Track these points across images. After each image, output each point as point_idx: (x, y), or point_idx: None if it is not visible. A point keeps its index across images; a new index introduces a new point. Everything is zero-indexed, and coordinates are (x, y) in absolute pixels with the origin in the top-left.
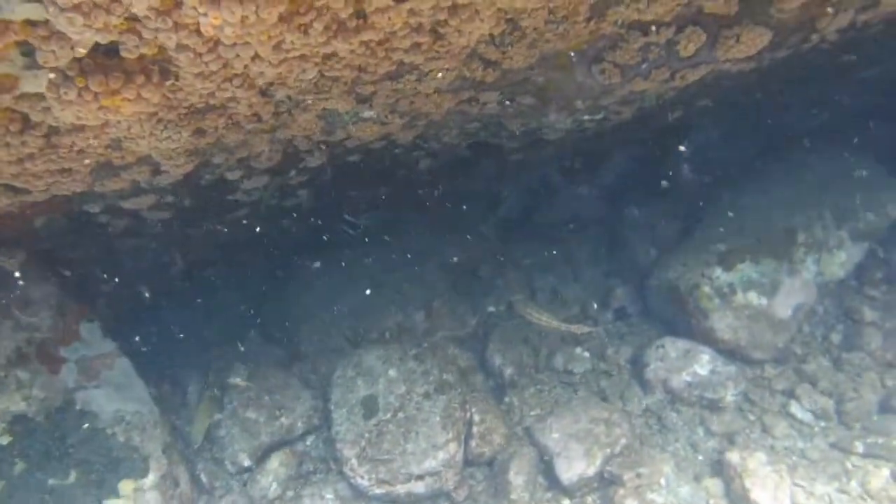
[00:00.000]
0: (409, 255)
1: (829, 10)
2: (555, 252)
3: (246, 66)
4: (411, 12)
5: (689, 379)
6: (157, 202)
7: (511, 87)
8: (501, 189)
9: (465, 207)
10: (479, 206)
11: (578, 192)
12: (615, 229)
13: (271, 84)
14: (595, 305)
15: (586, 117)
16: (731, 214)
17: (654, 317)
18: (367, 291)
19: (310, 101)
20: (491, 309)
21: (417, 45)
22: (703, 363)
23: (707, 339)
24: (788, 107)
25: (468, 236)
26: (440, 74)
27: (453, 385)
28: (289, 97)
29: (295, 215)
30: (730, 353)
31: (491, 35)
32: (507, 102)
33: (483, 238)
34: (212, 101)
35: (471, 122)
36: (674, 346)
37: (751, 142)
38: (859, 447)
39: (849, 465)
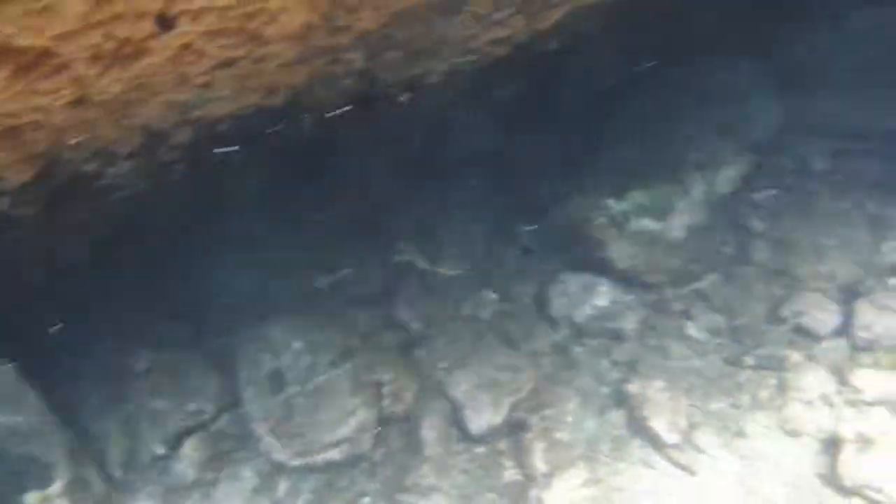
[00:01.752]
0: (309, 214)
1: None
2: (458, 191)
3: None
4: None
5: (590, 311)
6: (14, 202)
7: (373, 45)
8: (400, 132)
9: (361, 158)
10: (378, 153)
11: (475, 125)
12: (514, 162)
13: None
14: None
15: (460, 60)
16: (620, 141)
17: (557, 251)
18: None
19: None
20: (397, 259)
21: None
22: (603, 294)
23: (606, 269)
24: (673, 15)
25: (369, 186)
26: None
27: (359, 349)
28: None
29: (183, 189)
30: (629, 280)
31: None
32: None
33: (385, 185)
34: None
35: (342, 79)
36: (574, 280)
37: (642, 54)
38: (749, 360)
39: (741, 379)
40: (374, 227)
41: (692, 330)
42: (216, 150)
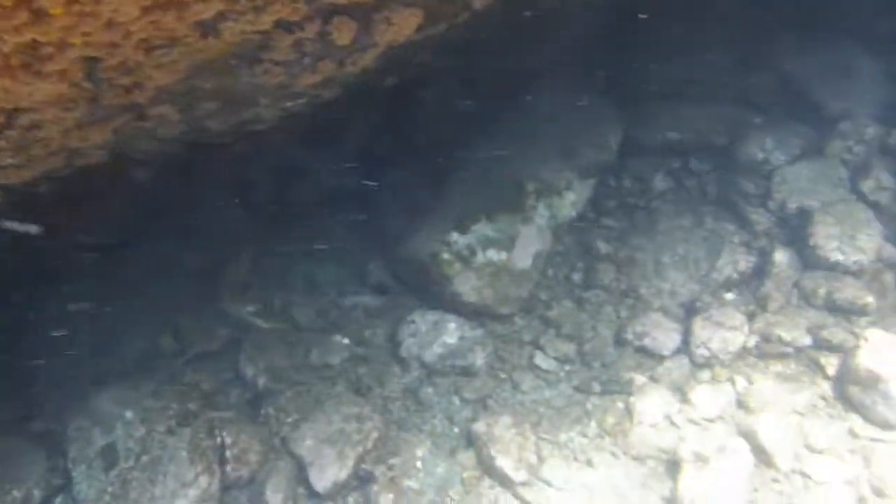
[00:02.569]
0: (150, 268)
1: None
2: (311, 233)
3: None
4: None
5: (440, 350)
6: None
7: (181, 99)
8: (247, 176)
9: (203, 205)
10: (224, 198)
11: (327, 165)
12: (368, 199)
13: None
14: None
15: (288, 104)
16: (465, 173)
17: (410, 289)
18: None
19: None
20: (249, 309)
21: None
22: (452, 331)
23: (455, 305)
24: (519, 46)
25: (215, 235)
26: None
27: (197, 413)
28: None
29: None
30: (479, 314)
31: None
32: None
33: (233, 232)
34: None
35: (161, 128)
36: (423, 319)
37: (490, 86)
38: (597, 386)
39: (589, 406)
40: (219, 278)
41: (541, 360)
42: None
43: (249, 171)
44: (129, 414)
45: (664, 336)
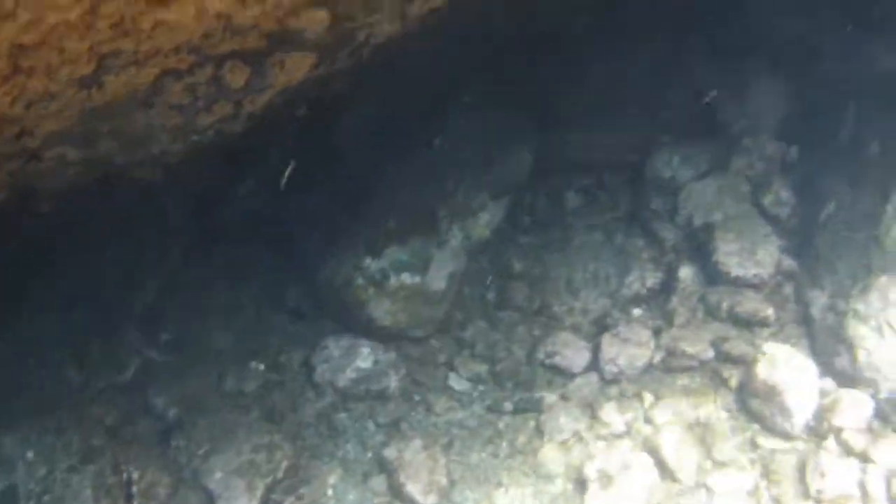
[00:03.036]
0: (58, 298)
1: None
2: (231, 259)
3: None
4: None
5: (353, 375)
6: None
7: (78, 140)
8: (166, 202)
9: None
10: (139, 225)
11: (246, 191)
12: (287, 224)
13: None
14: None
15: (195, 138)
16: (379, 198)
17: (327, 314)
18: None
19: None
20: (166, 337)
21: None
22: (365, 356)
23: (370, 329)
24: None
25: (129, 262)
26: None
27: (103, 448)
28: None
29: None
30: (393, 337)
31: None
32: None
33: (148, 259)
34: None
35: (67, 168)
36: (337, 345)
37: (408, 110)
38: (509, 406)
39: (501, 426)
40: (134, 305)
41: (454, 381)
42: None
43: (166, 197)
44: (30, 454)
45: (574, 354)
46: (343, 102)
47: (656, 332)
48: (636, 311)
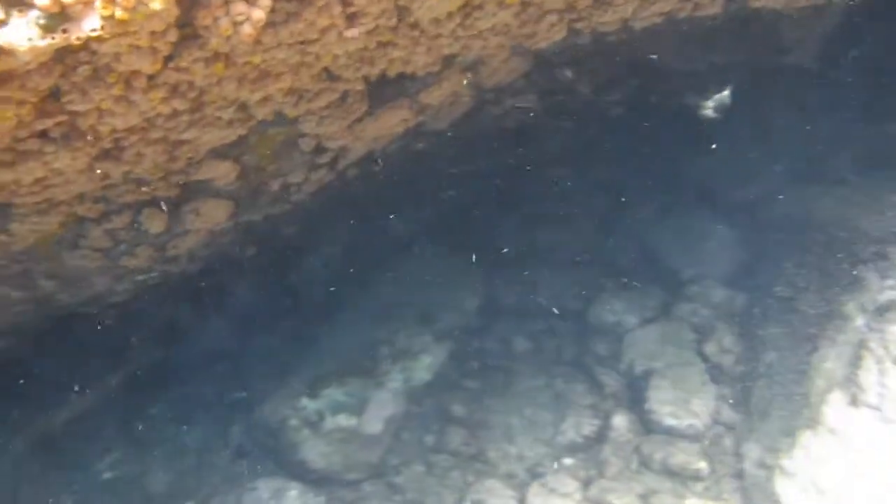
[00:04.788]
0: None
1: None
2: (186, 396)
3: None
4: None
5: None
6: None
7: (17, 279)
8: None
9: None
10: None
11: (210, 326)
12: (242, 362)
13: None
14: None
15: (140, 277)
16: (327, 336)
17: (266, 452)
18: None
19: None
20: (106, 476)
21: None
22: (292, 499)
23: (303, 470)
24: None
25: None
26: None
27: None
28: None
29: None
30: (326, 480)
31: None
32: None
33: (105, 396)
34: None
35: (12, 307)
36: (266, 486)
37: (369, 252)
38: None
39: None
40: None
41: None
42: None
43: (120, 336)
44: None
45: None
46: (300, 245)
47: (586, 483)
48: (567, 461)
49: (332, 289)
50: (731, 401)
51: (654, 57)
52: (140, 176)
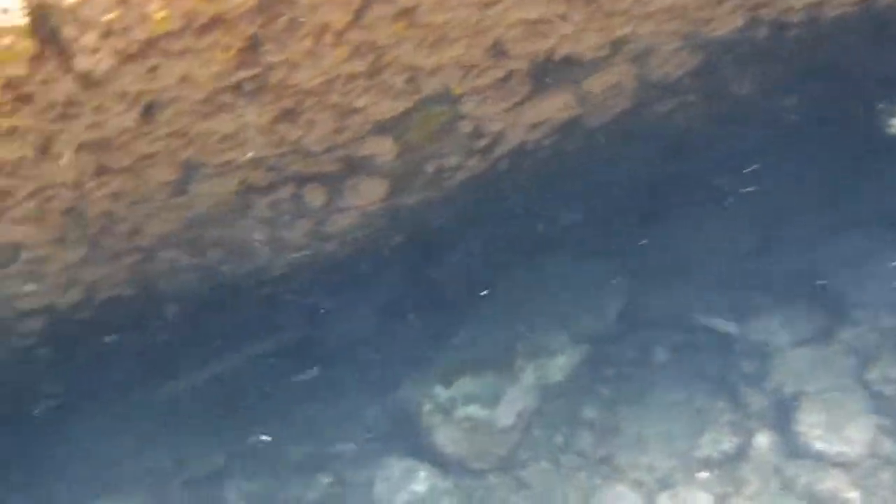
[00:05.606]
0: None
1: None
2: (325, 376)
3: None
4: None
5: (408, 497)
6: None
7: (186, 245)
8: (274, 320)
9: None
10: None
11: (354, 313)
12: (380, 348)
13: None
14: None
15: (294, 255)
16: (465, 328)
17: (398, 434)
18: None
19: None
20: (251, 440)
21: None
22: (422, 480)
23: (431, 455)
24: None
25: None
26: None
27: None
28: None
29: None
30: (454, 466)
31: None
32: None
33: (251, 366)
34: None
35: (183, 273)
36: (398, 465)
37: (513, 250)
38: None
39: None
40: (229, 407)
41: None
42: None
43: (275, 313)
44: None
45: None
46: (444, 237)
47: (721, 499)
48: (702, 475)
49: (470, 283)
50: (893, 433)
51: (842, 56)
52: (308, 147)
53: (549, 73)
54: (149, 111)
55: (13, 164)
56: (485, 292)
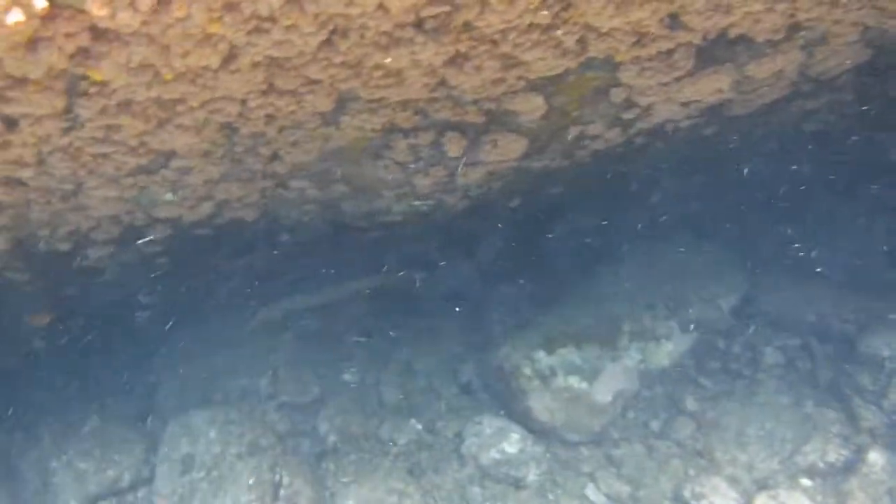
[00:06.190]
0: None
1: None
2: (425, 326)
3: None
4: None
5: (497, 456)
6: (4, 266)
7: (316, 177)
8: (380, 262)
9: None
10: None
11: (460, 267)
12: (481, 306)
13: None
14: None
15: (415, 202)
16: (571, 298)
17: (492, 393)
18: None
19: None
20: (346, 377)
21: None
22: (513, 442)
23: (525, 418)
24: (663, 196)
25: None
26: (200, 172)
27: (266, 449)
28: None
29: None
30: (546, 433)
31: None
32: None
33: (351, 308)
34: None
35: (303, 204)
36: (490, 424)
37: (623, 227)
38: None
39: None
40: (329, 341)
41: (592, 492)
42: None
43: (384, 258)
44: (212, 433)
45: (722, 503)
46: (557, 208)
47: None
48: (805, 482)
49: (579, 255)
50: None
51: None
52: (461, 94)
53: (716, 51)
54: (333, 36)
55: (196, 73)
56: (589, 268)
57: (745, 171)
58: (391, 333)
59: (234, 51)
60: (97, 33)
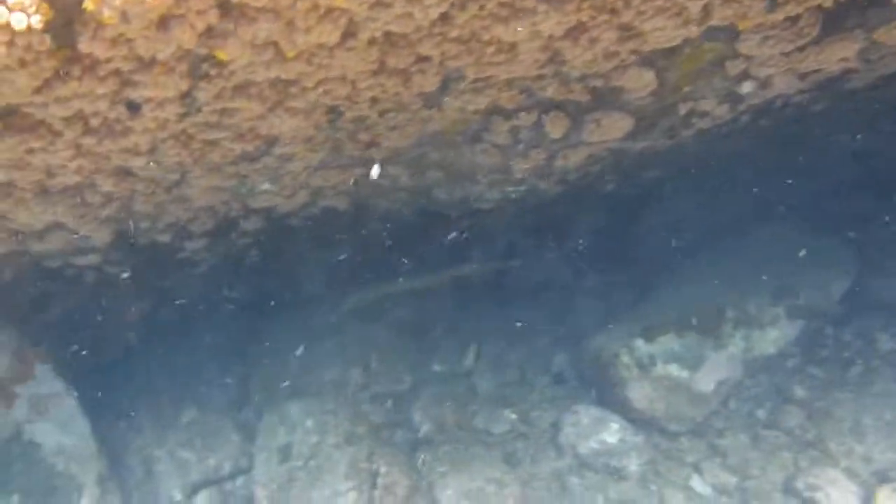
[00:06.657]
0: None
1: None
2: (513, 315)
3: None
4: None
5: (596, 446)
6: (105, 259)
7: (412, 163)
8: (468, 251)
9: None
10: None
11: (546, 257)
12: (573, 295)
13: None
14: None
15: (508, 188)
16: (670, 285)
17: (587, 383)
18: (299, 350)
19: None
20: (436, 368)
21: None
22: (613, 431)
23: (624, 407)
24: (763, 179)
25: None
26: (300, 159)
27: (362, 438)
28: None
29: (250, 272)
30: (646, 422)
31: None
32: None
33: (440, 298)
34: None
35: (395, 192)
36: (587, 413)
37: (722, 213)
38: None
39: None
40: (419, 332)
41: (697, 483)
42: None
43: (473, 245)
44: (309, 423)
45: (840, 496)
46: (656, 191)
47: None
48: None
49: (677, 241)
50: None
51: None
52: (569, 70)
53: (846, 16)
54: (451, 9)
55: (312, 52)
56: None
57: (854, 150)
58: (517, 324)
59: (353, 27)
60: (225, 9)
